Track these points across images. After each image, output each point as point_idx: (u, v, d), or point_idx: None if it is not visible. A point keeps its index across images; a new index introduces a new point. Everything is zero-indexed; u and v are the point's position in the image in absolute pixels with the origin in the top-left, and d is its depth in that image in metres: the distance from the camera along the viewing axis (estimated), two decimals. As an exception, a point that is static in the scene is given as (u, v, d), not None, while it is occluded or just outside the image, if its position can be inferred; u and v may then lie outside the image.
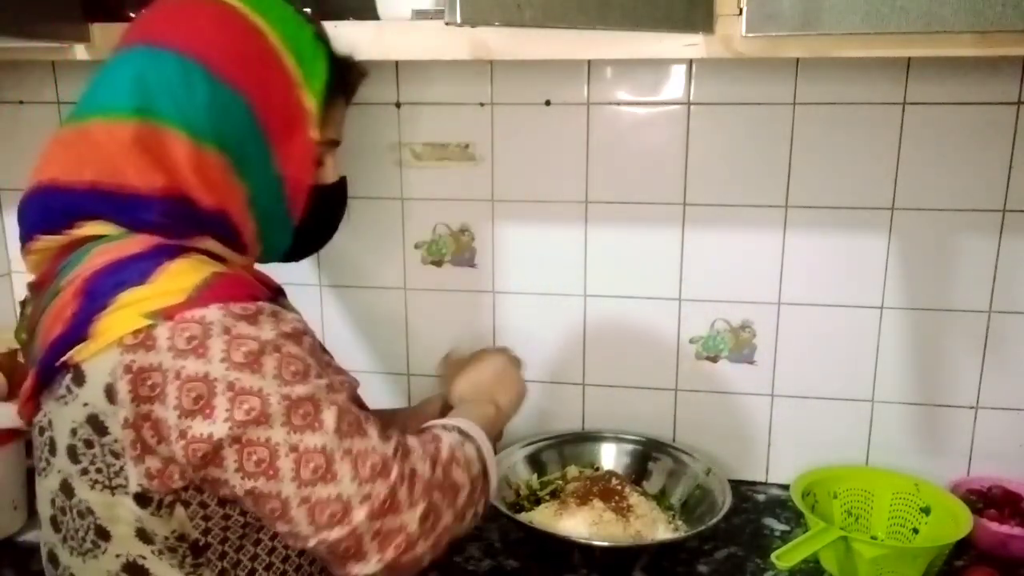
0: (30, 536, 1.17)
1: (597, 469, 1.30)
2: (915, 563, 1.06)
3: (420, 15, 1.02)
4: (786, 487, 1.21)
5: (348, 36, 0.99)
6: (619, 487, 1.20)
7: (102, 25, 1.08)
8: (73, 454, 0.70)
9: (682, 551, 1.14)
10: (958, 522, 1.10)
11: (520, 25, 0.81)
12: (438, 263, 1.37)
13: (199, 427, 0.64)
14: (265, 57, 0.75)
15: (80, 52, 1.10)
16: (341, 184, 0.90)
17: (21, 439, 1.20)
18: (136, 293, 0.66)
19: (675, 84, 1.24)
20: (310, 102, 0.78)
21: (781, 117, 1.21)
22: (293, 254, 0.90)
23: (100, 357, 0.66)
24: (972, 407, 1.26)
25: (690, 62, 1.23)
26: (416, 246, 1.37)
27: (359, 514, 0.67)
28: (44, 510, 0.76)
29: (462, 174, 1.32)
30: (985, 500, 1.19)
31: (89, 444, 0.69)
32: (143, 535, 0.70)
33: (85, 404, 0.68)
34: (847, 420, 1.30)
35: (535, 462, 1.30)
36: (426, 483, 0.72)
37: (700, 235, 1.28)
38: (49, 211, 0.74)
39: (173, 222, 0.72)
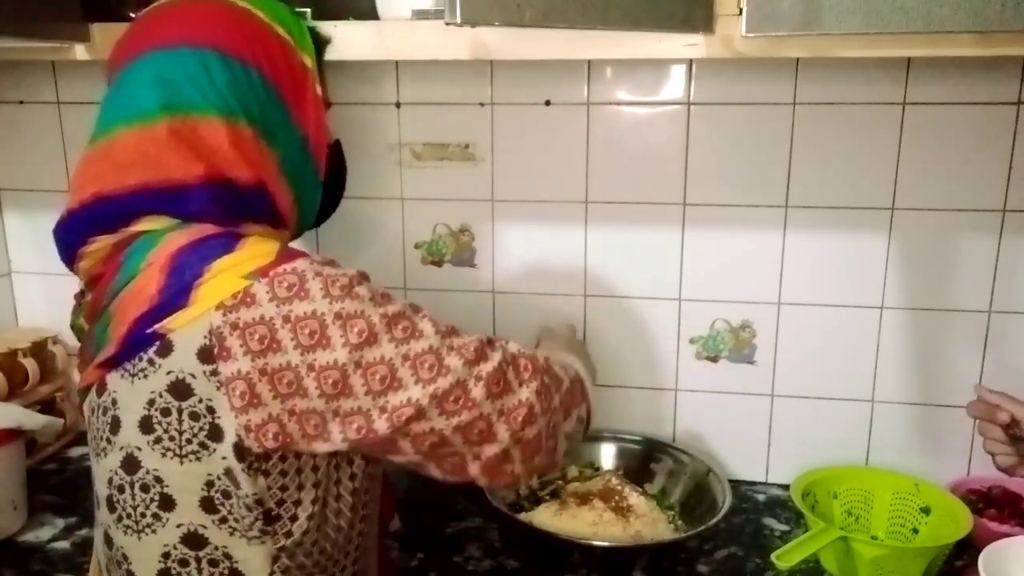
0: (30, 536, 1.17)
1: (597, 469, 1.30)
2: (915, 563, 1.06)
3: (420, 15, 1.02)
4: (786, 487, 1.21)
5: (348, 36, 0.99)
6: (619, 487, 1.20)
7: (102, 25, 1.08)
8: (146, 425, 0.72)
9: (682, 551, 1.14)
10: (958, 522, 1.10)
11: (520, 25, 0.81)
12: (438, 263, 1.37)
13: (323, 356, 0.69)
14: (261, 32, 0.81)
15: (80, 52, 1.10)
16: (338, 146, 0.94)
17: (21, 439, 1.20)
18: (228, 260, 0.70)
19: (675, 84, 1.24)
20: (308, 61, 0.84)
21: (781, 117, 1.21)
22: (326, 215, 0.95)
23: (194, 323, 0.69)
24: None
25: (690, 62, 1.23)
26: (416, 246, 1.37)
27: (478, 392, 0.73)
28: (101, 491, 0.78)
29: (462, 174, 1.32)
30: (985, 500, 1.19)
31: (166, 412, 0.71)
32: (208, 504, 0.73)
33: (169, 372, 0.70)
34: (847, 420, 1.30)
35: (535, 462, 1.30)
36: (530, 364, 0.79)
37: (700, 235, 1.28)
38: (99, 219, 0.76)
39: (220, 208, 0.76)
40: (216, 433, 0.71)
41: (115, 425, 0.74)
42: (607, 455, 1.32)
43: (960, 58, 1.09)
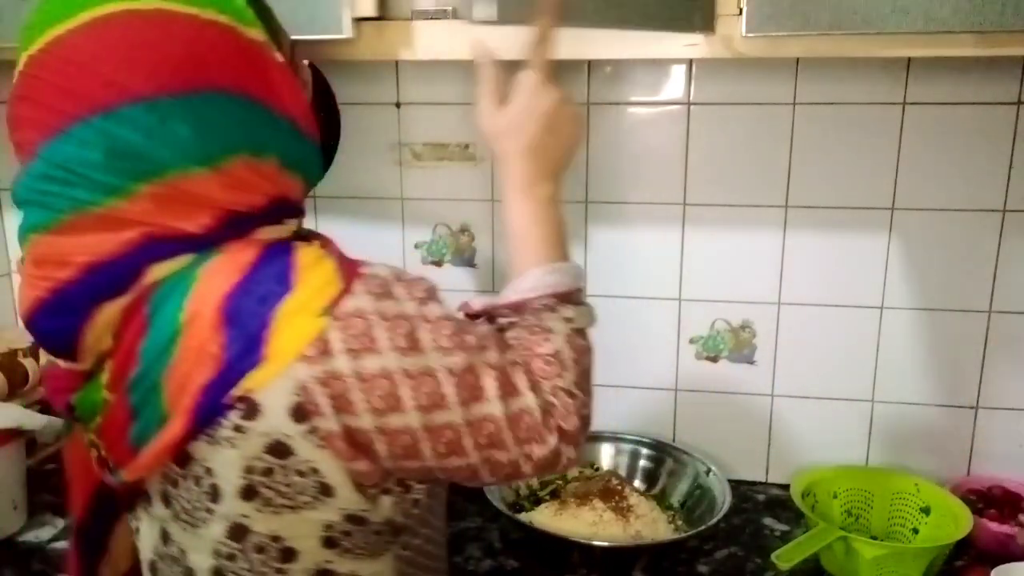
0: (30, 536, 1.17)
1: (597, 469, 1.30)
2: (915, 563, 1.06)
3: (420, 15, 1.02)
4: (786, 487, 1.21)
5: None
6: (619, 487, 1.20)
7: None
8: (250, 492, 0.67)
9: (682, 551, 1.14)
10: (958, 522, 1.10)
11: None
12: (438, 263, 1.37)
13: (395, 421, 0.65)
14: (195, 34, 0.64)
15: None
16: (315, 71, 0.79)
17: (21, 439, 1.20)
18: (293, 301, 0.63)
19: (675, 84, 1.24)
20: (255, 33, 0.67)
21: (781, 117, 1.21)
22: (329, 161, 0.84)
23: (279, 379, 0.62)
24: (972, 407, 1.26)
25: (690, 62, 1.23)
26: (416, 246, 1.37)
27: (527, 469, 0.71)
28: (203, 563, 0.72)
29: (462, 174, 1.32)
30: (985, 500, 1.19)
31: (268, 472, 0.66)
32: (330, 542, 0.70)
33: (263, 434, 0.64)
34: (847, 420, 1.30)
35: (535, 462, 1.30)
36: (576, 420, 0.72)
37: (700, 235, 1.28)
38: (100, 288, 0.65)
39: (235, 232, 0.67)
40: (327, 490, 0.67)
41: (215, 494, 0.68)
42: (607, 455, 1.32)
43: (960, 58, 1.09)
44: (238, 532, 0.69)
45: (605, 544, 1.10)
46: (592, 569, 1.09)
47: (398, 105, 1.32)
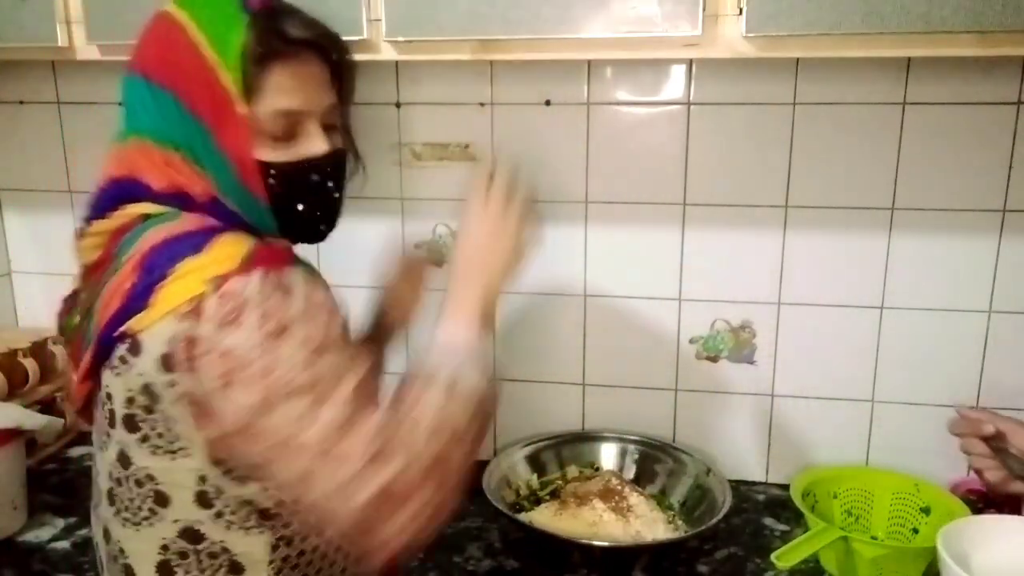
0: (30, 536, 1.17)
1: (597, 469, 1.30)
2: (915, 563, 1.06)
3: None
4: (786, 487, 1.21)
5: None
6: (619, 487, 1.20)
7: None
8: (131, 423, 0.74)
9: (682, 551, 1.14)
10: (958, 522, 1.10)
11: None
12: (438, 263, 1.37)
13: (236, 399, 0.68)
14: (185, 51, 0.76)
15: (80, 52, 1.10)
16: (332, 156, 0.83)
17: (21, 439, 1.20)
18: (193, 263, 0.70)
19: (675, 84, 1.24)
20: (227, 78, 0.75)
21: (781, 117, 1.21)
22: (304, 234, 0.86)
23: (157, 326, 0.70)
24: (972, 407, 1.25)
25: (690, 62, 1.23)
26: (416, 246, 1.37)
27: (355, 502, 0.69)
28: (103, 484, 0.80)
29: (462, 174, 1.32)
30: (985, 500, 1.19)
31: (148, 410, 0.73)
32: (203, 499, 0.74)
33: (140, 374, 0.71)
34: (847, 420, 1.30)
35: (535, 462, 1.30)
36: (377, 487, 0.69)
37: (700, 235, 1.28)
38: (100, 199, 0.79)
39: (180, 200, 0.78)
40: (187, 446, 0.73)
41: (112, 418, 0.76)
42: (607, 455, 1.32)
43: (960, 58, 1.09)
44: (124, 460, 0.76)
45: (605, 544, 1.10)
46: (592, 569, 1.10)
47: (398, 105, 1.32)
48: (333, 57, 0.84)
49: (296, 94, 0.78)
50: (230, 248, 0.72)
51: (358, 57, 1.01)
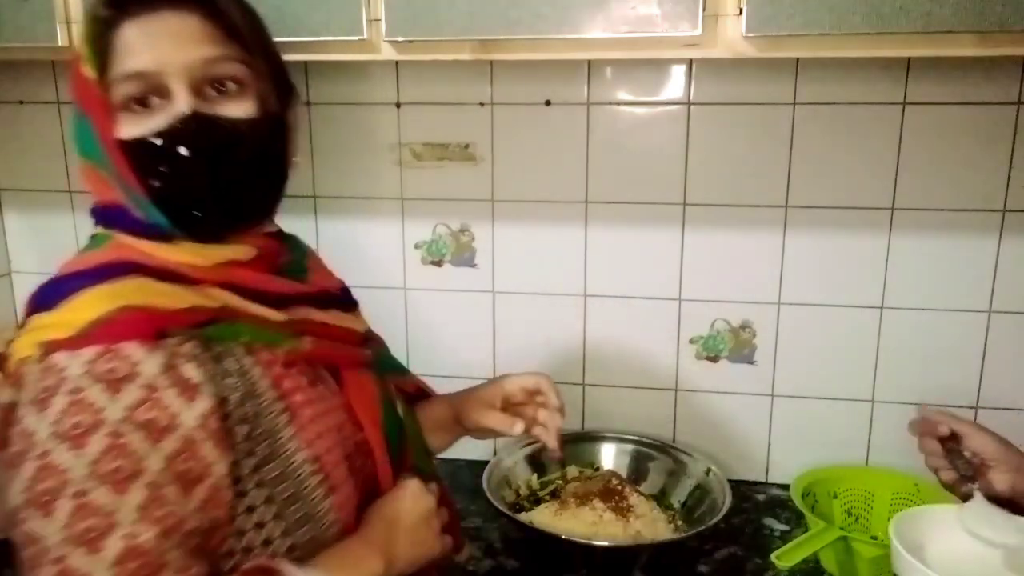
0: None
1: (597, 469, 1.30)
2: (915, 563, 1.05)
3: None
4: (786, 487, 1.21)
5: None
6: (619, 487, 1.20)
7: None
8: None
9: (682, 551, 1.14)
10: (958, 522, 1.10)
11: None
12: (438, 263, 1.37)
13: (16, 482, 0.62)
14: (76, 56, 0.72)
15: (80, 52, 1.10)
16: (193, 119, 0.68)
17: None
18: (42, 319, 0.66)
19: (675, 84, 1.24)
20: (88, 71, 0.69)
21: (781, 117, 1.21)
22: (185, 223, 0.72)
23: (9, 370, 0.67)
24: (972, 407, 1.26)
25: (690, 62, 1.23)
26: (416, 246, 1.37)
27: None
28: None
29: (462, 174, 1.32)
30: (985, 500, 1.19)
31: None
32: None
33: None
34: (847, 420, 1.30)
35: (535, 462, 1.30)
36: None
37: (700, 235, 1.28)
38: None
39: (108, 222, 0.74)
40: None
41: None
42: (607, 455, 1.32)
43: (960, 58, 1.09)
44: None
45: (605, 544, 1.09)
46: (592, 569, 1.09)
47: (398, 105, 1.32)
48: (217, 7, 0.71)
49: (145, 53, 0.67)
50: (80, 310, 0.64)
51: (358, 57, 1.02)
